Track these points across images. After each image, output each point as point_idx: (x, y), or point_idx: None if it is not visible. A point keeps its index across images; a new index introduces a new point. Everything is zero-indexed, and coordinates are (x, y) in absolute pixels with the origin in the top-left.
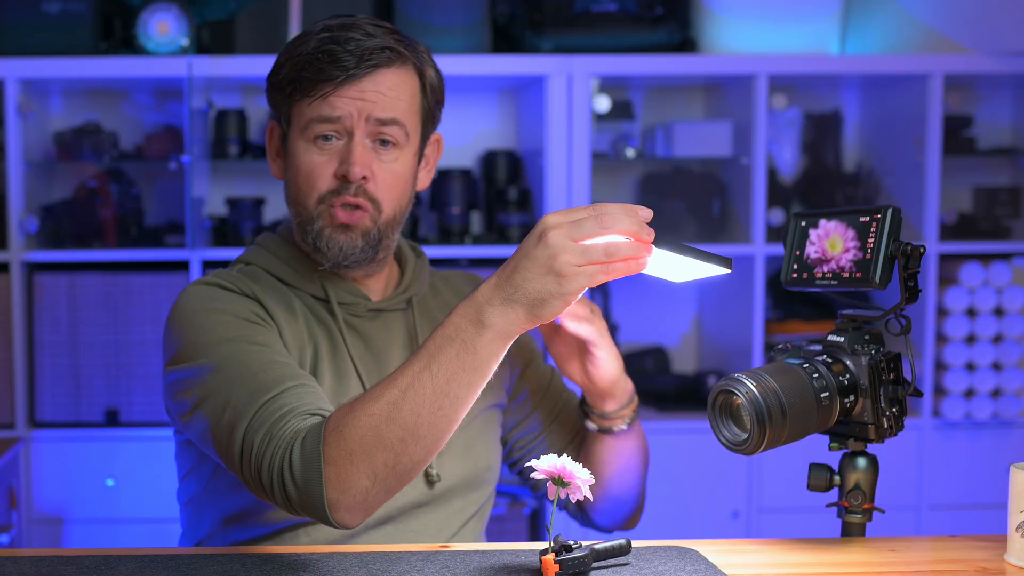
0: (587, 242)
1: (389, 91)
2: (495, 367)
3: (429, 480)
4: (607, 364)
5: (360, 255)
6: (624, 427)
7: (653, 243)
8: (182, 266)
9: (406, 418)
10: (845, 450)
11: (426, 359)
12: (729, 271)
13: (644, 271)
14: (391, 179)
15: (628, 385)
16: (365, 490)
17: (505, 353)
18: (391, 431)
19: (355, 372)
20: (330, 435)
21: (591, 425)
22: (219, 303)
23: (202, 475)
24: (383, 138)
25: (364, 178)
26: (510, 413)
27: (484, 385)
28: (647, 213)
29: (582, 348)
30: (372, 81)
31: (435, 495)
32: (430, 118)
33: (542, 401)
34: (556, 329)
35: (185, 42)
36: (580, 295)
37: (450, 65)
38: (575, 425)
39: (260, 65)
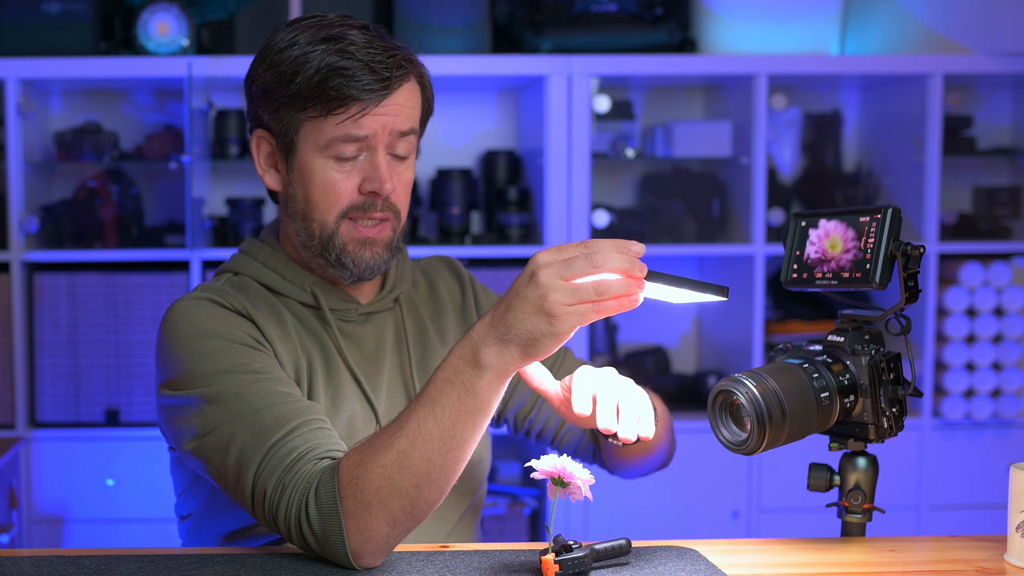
0: (578, 281)
1: (406, 103)
2: (497, 404)
3: None
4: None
5: (384, 266)
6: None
7: (646, 278)
8: (182, 266)
9: (417, 465)
10: (845, 450)
11: (429, 404)
12: (726, 299)
13: (643, 295)
14: (406, 188)
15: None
16: (386, 536)
17: (505, 389)
18: (404, 479)
19: (352, 379)
20: (345, 488)
21: (614, 442)
22: (214, 326)
23: (199, 493)
24: (397, 151)
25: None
26: (517, 397)
27: (488, 421)
28: (639, 248)
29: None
30: (393, 96)
31: None
32: (427, 120)
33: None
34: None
35: (185, 42)
36: (572, 334)
37: (450, 65)
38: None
39: None
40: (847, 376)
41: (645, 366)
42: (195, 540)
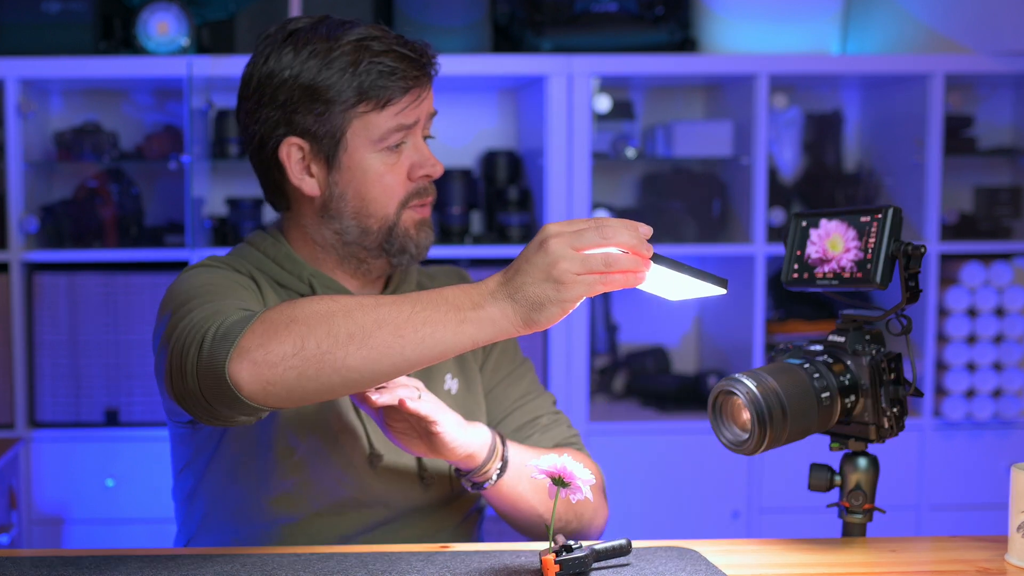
0: (587, 252)
1: (429, 84)
2: (466, 348)
3: (424, 479)
4: (454, 436)
5: (431, 245)
6: (494, 479)
7: (651, 259)
8: (182, 266)
9: (367, 321)
10: (846, 450)
11: (415, 297)
12: (724, 291)
13: (641, 287)
14: None
15: (484, 440)
16: (281, 356)
17: (480, 350)
18: (345, 322)
19: None
20: (281, 305)
21: (465, 484)
22: (210, 273)
23: (197, 469)
24: (427, 131)
25: None
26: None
27: (444, 358)
28: (647, 230)
29: (422, 427)
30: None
31: (432, 494)
32: None
33: (489, 394)
34: (389, 411)
35: (185, 42)
36: (577, 304)
37: (450, 65)
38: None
39: None
40: (848, 376)
41: (645, 366)
42: (189, 519)
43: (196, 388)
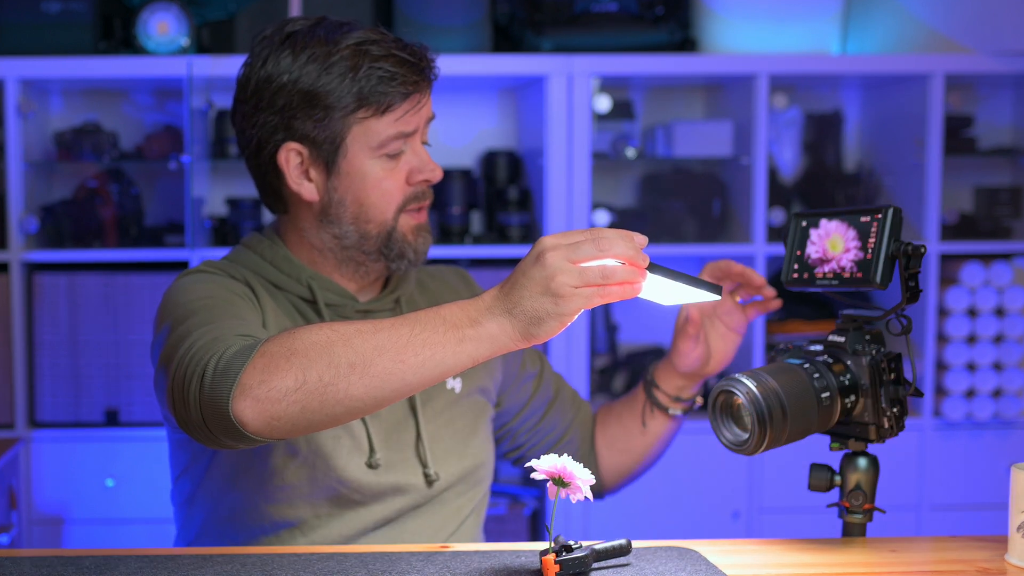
0: (584, 264)
1: (428, 91)
2: (466, 367)
3: (428, 479)
4: (734, 346)
5: (429, 248)
6: (680, 413)
7: (647, 268)
8: (182, 266)
9: (367, 349)
10: (846, 450)
11: (412, 319)
12: (719, 298)
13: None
14: None
15: None
16: (283, 392)
17: (478, 365)
18: (345, 352)
19: None
20: (280, 336)
21: (661, 398)
22: (207, 283)
23: (196, 474)
24: (424, 138)
25: None
26: (510, 397)
27: (444, 378)
28: (642, 239)
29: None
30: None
31: (433, 494)
32: None
33: (540, 385)
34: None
35: (185, 42)
36: (575, 317)
37: (450, 65)
38: (569, 410)
39: None
40: (848, 376)
41: (645, 366)
42: (188, 524)
43: (200, 420)
